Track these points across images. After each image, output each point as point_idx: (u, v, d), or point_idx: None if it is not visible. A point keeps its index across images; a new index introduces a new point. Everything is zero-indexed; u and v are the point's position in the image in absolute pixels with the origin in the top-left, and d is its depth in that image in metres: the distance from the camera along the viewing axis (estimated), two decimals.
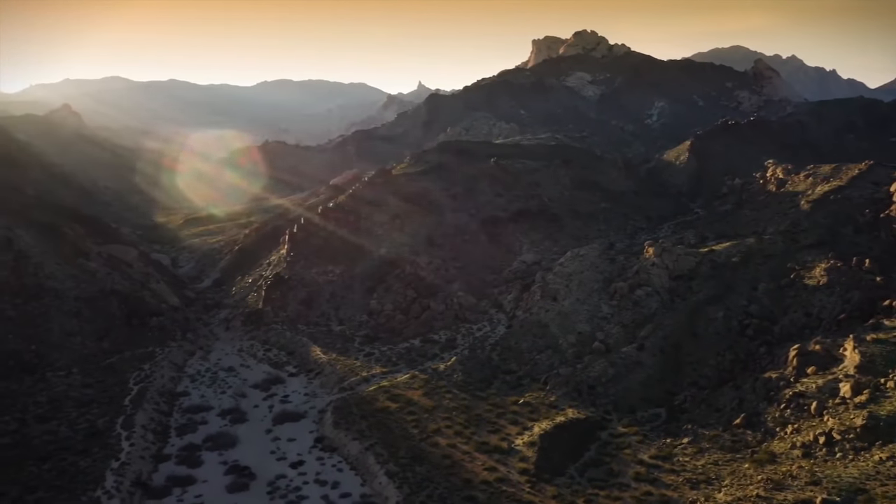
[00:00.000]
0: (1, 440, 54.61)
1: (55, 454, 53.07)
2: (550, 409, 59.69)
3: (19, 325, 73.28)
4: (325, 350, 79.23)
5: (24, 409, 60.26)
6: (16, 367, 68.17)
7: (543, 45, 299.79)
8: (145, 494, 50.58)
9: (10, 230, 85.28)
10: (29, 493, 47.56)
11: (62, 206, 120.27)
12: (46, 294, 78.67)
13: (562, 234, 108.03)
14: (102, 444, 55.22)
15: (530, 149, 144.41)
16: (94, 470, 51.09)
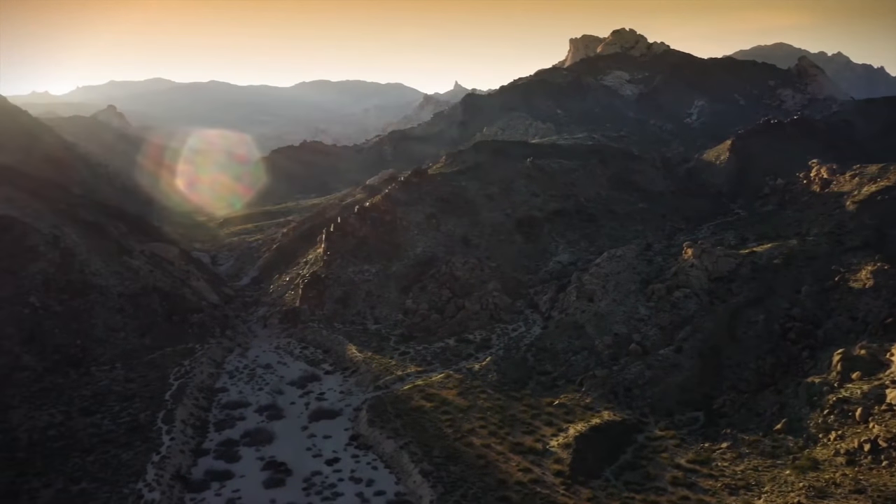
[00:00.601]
0: (48, 432, 56.24)
1: (99, 446, 54.47)
2: (586, 410, 59.22)
3: (65, 321, 75.35)
4: (361, 348, 79.82)
5: (70, 402, 61.97)
6: (62, 361, 70.13)
7: (581, 44, 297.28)
8: (184, 488, 51.54)
9: (57, 228, 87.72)
10: (74, 483, 48.89)
11: (107, 205, 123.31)
12: (92, 290, 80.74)
13: (598, 235, 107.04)
14: (144, 437, 56.49)
15: (567, 148, 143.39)
16: (136, 463, 52.29)
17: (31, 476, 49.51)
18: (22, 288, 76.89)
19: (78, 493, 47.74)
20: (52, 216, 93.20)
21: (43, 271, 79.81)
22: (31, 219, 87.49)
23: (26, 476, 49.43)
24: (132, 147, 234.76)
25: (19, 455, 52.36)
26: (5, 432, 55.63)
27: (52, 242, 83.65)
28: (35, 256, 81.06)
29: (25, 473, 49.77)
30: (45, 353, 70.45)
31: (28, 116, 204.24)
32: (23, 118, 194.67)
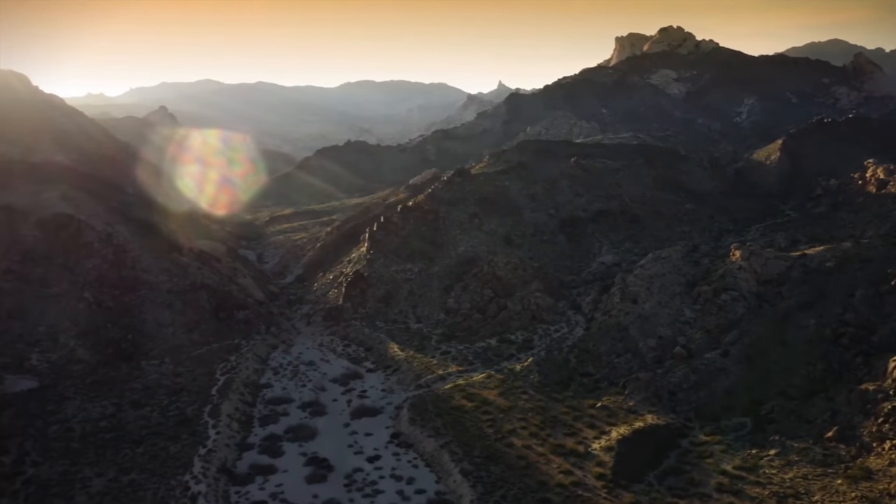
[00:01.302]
0: (100, 424, 57.98)
1: (148, 438, 55.91)
2: (629, 413, 58.43)
3: (117, 316, 77.62)
4: (403, 347, 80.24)
5: (121, 395, 63.77)
6: (114, 354, 72.26)
7: (627, 43, 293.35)
8: (230, 481, 52.53)
9: (110, 226, 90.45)
10: (124, 474, 50.29)
11: (158, 203, 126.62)
12: (142, 286, 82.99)
13: (643, 236, 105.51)
14: (191, 430, 57.77)
15: (612, 148, 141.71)
16: (183, 455, 53.51)
17: (85, 465, 51.12)
18: (77, 283, 79.51)
19: (128, 484, 49.08)
20: (106, 214, 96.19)
21: (97, 267, 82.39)
22: (86, 216, 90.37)
23: (79, 465, 51.07)
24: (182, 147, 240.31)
25: (73, 445, 54.12)
26: (61, 422, 57.59)
27: (106, 239, 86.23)
28: (90, 253, 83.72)
29: (79, 463, 51.42)
30: (98, 346, 72.72)
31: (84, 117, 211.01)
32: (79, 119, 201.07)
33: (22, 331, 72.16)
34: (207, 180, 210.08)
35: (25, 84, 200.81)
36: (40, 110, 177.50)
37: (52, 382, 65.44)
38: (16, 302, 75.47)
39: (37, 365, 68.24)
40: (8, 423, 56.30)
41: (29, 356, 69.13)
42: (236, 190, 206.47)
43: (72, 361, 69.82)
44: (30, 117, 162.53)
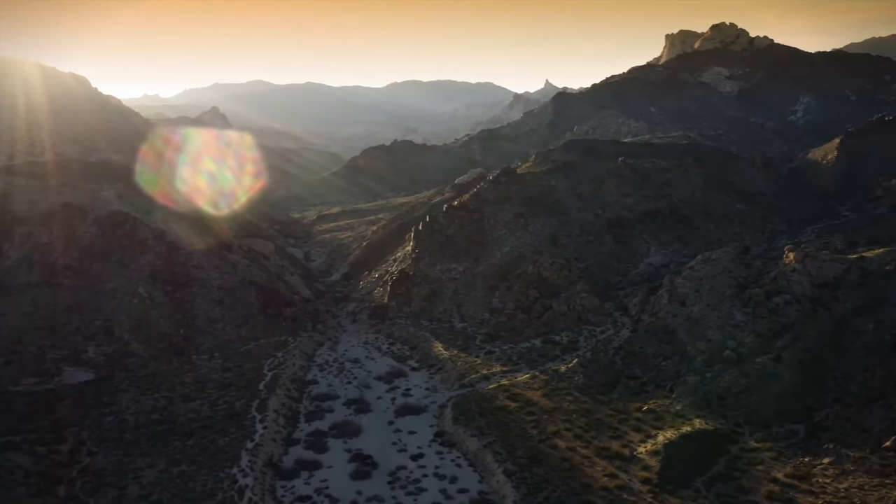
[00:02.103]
0: (152, 416, 59.58)
1: (197, 431, 57.20)
2: (676, 417, 57.34)
3: (170, 311, 79.69)
4: (447, 346, 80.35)
5: (172, 389, 65.41)
6: (166, 349, 74.22)
7: (677, 40, 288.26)
8: (276, 475, 53.36)
9: (163, 223, 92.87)
10: (174, 465, 51.55)
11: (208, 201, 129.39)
12: (194, 283, 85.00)
13: (692, 237, 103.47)
14: (239, 424, 58.90)
15: (661, 147, 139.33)
16: (231, 449, 54.58)
17: (137, 456, 52.59)
18: (132, 279, 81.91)
19: (178, 475, 50.30)
20: (160, 211, 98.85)
21: (150, 264, 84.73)
22: (141, 214, 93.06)
23: (132, 456, 52.55)
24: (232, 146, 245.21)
25: (127, 436, 55.74)
26: (115, 414, 59.41)
27: (159, 237, 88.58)
28: (144, 249, 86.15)
29: (132, 454, 52.92)
30: (151, 340, 74.79)
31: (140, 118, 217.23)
32: (135, 119, 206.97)
33: (80, 324, 74.68)
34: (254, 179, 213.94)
35: (85, 86, 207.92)
36: (99, 111, 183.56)
37: (107, 375, 67.60)
38: (74, 297, 78.17)
39: (93, 357, 70.55)
40: (66, 413, 58.35)
41: (86, 349, 71.51)
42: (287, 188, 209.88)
43: (126, 355, 71.96)
44: (89, 118, 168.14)
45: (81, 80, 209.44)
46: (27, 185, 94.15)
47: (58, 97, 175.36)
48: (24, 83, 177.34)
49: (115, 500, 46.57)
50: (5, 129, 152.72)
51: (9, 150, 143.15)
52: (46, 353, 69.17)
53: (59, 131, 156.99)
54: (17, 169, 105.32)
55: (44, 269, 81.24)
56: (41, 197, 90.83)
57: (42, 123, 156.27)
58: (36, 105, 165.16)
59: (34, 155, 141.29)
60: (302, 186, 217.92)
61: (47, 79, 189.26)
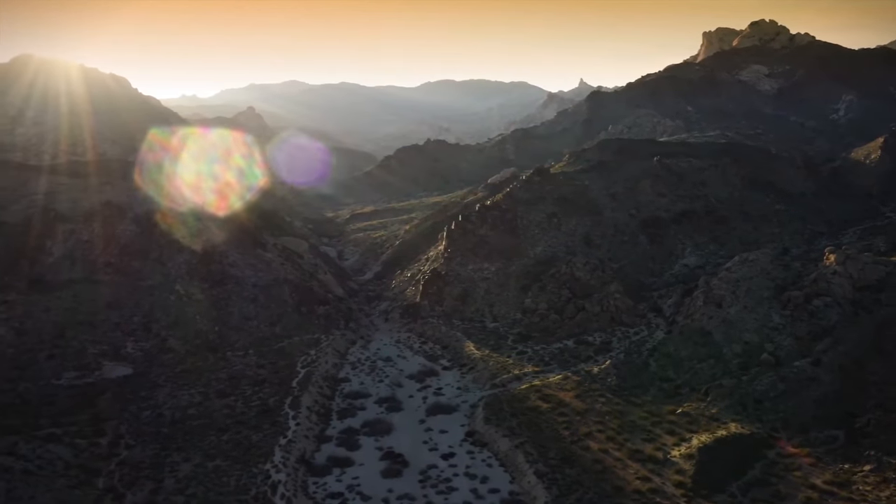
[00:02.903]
0: (188, 411, 60.62)
1: (232, 427, 58.03)
2: (711, 421, 56.47)
3: (205, 308, 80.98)
4: (479, 346, 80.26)
5: (208, 384, 66.48)
6: (202, 345, 75.46)
7: (715, 38, 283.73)
8: (308, 471, 53.89)
9: (200, 221, 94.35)
10: (209, 460, 52.37)
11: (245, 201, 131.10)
12: (229, 281, 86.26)
13: (729, 237, 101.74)
14: (272, 421, 59.59)
15: (697, 147, 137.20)
16: (265, 444, 55.24)
17: (173, 450, 53.55)
18: (169, 276, 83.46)
19: (213, 470, 51.07)
20: (196, 210, 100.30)
21: (187, 262, 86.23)
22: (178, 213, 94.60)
23: (169, 450, 53.53)
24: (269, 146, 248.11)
25: (163, 430, 56.79)
26: (152, 408, 60.58)
27: (196, 235, 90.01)
28: (181, 248, 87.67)
29: (168, 447, 53.91)
30: (187, 337, 76.11)
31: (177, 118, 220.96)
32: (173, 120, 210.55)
33: (119, 320, 76.34)
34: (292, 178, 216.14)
35: (125, 87, 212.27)
36: (138, 111, 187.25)
37: (145, 370, 68.99)
38: (114, 293, 79.94)
39: (132, 353, 72.07)
40: (105, 406, 59.64)
41: (125, 344, 73.08)
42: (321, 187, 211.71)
43: (163, 350, 73.35)
44: (128, 118, 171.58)
45: (122, 81, 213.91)
46: (70, 183, 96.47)
47: (99, 98, 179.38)
48: (67, 84, 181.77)
49: (151, 492, 47.47)
50: (49, 129, 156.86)
51: (52, 150, 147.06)
52: (87, 348, 70.85)
53: (100, 131, 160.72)
54: (61, 168, 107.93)
55: (85, 265, 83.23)
56: (83, 195, 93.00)
57: (83, 124, 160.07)
58: (78, 106, 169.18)
59: (76, 154, 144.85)
60: (335, 185, 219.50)
61: (89, 80, 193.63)
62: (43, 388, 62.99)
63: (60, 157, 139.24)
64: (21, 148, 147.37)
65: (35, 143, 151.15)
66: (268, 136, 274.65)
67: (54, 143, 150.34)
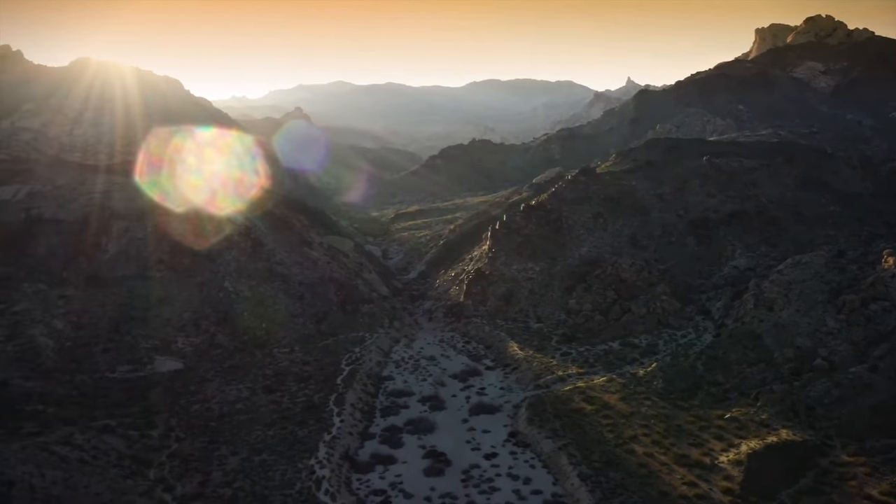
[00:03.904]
0: (235, 405, 61.80)
1: (278, 422, 58.92)
2: (761, 427, 55.07)
3: (253, 305, 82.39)
4: (522, 346, 79.88)
5: (255, 380, 67.67)
6: (249, 341, 76.84)
7: (768, 34, 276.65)
8: (352, 468, 54.36)
9: (249, 220, 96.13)
10: (256, 454, 53.30)
11: (292, 200, 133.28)
12: (276, 278, 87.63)
13: (781, 239, 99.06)
14: (317, 417, 60.31)
15: (748, 146, 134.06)
16: (310, 440, 55.95)
17: (221, 444, 54.63)
18: (218, 273, 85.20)
19: (259, 464, 51.97)
20: (246, 208, 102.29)
21: (236, 259, 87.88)
22: (227, 211, 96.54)
23: (217, 443, 54.64)
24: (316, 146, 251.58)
25: (212, 424, 58.00)
26: (201, 402, 61.94)
27: (245, 233, 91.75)
28: (230, 245, 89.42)
29: (216, 441, 55.04)
30: (235, 333, 77.60)
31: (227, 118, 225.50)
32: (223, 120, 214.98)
33: (170, 316, 78.24)
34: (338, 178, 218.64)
35: (178, 88, 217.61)
36: (189, 112, 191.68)
37: (194, 365, 70.59)
38: (165, 289, 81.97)
39: (182, 348, 73.81)
40: (157, 400, 61.24)
41: (175, 340, 74.88)
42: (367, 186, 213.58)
43: (212, 346, 74.95)
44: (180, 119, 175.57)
45: (174, 83, 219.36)
46: (125, 182, 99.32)
47: (152, 99, 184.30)
48: (123, 86, 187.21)
49: (200, 484, 48.51)
50: (106, 130, 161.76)
51: (108, 150, 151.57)
52: (140, 343, 72.84)
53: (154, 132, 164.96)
54: (116, 168, 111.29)
55: (139, 262, 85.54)
56: (137, 194, 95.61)
57: (138, 124, 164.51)
58: (133, 107, 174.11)
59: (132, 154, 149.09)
60: (381, 185, 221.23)
61: (143, 82, 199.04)
62: (98, 380, 64.98)
63: (116, 156, 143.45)
64: (79, 148, 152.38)
65: (92, 143, 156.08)
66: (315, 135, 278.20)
67: (110, 144, 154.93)
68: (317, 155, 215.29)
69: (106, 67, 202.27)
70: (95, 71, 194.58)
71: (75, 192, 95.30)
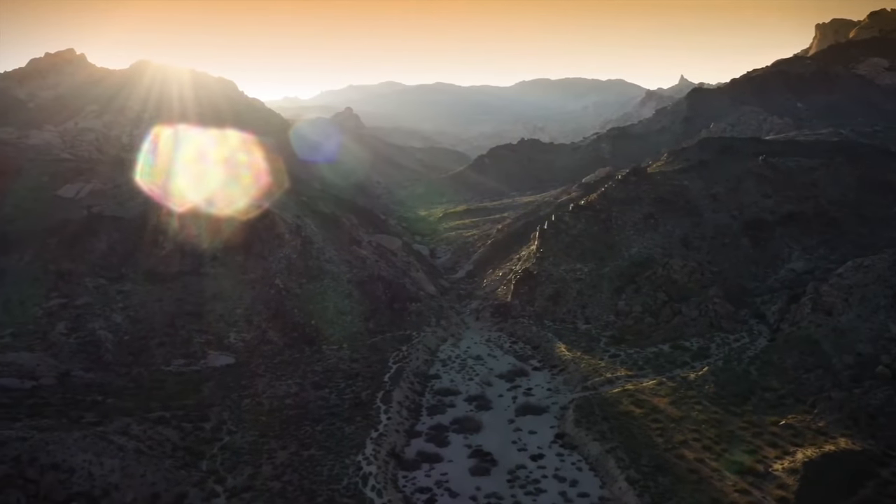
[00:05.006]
0: (285, 401, 62.85)
1: (326, 418, 59.70)
2: (818, 435, 53.33)
3: (303, 302, 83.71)
4: (570, 347, 79.14)
5: (304, 376, 68.71)
6: (299, 338, 78.07)
7: (829, 30, 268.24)
8: (398, 465, 54.69)
9: (299, 218, 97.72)
10: (304, 449, 54.09)
11: (341, 199, 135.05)
12: (325, 276, 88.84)
13: (841, 241, 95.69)
14: (364, 414, 60.88)
15: (807, 145, 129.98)
16: (357, 437, 56.51)
17: (271, 438, 55.64)
18: (269, 271, 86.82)
19: (308, 458, 52.72)
20: (296, 207, 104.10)
21: (286, 257, 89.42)
22: (279, 209, 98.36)
23: (267, 437, 55.67)
24: (366, 145, 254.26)
25: (262, 418, 59.13)
26: (252, 397, 63.20)
27: (295, 231, 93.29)
28: (281, 243, 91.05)
29: (266, 435, 56.07)
30: (285, 329, 78.95)
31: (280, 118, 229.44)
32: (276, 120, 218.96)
33: (223, 312, 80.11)
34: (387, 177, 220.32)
35: (232, 89, 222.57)
36: (243, 113, 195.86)
37: (245, 360, 72.12)
38: (218, 286, 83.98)
39: (234, 343, 75.48)
40: (210, 393, 62.79)
41: (228, 335, 76.63)
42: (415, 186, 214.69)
43: (263, 342, 76.42)
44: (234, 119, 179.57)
45: (229, 84, 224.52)
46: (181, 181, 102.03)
47: (207, 100, 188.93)
48: (180, 88, 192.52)
49: (250, 477, 49.51)
50: None
51: None
52: (193, 337, 74.76)
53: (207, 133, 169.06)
54: None
55: (193, 259, 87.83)
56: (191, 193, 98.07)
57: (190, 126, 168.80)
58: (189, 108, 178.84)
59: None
60: (429, 184, 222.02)
61: (199, 84, 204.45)
62: (154, 373, 66.98)
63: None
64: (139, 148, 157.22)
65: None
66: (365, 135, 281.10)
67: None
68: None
69: (164, 69, 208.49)
70: (154, 73, 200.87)
71: (134, 190, 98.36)
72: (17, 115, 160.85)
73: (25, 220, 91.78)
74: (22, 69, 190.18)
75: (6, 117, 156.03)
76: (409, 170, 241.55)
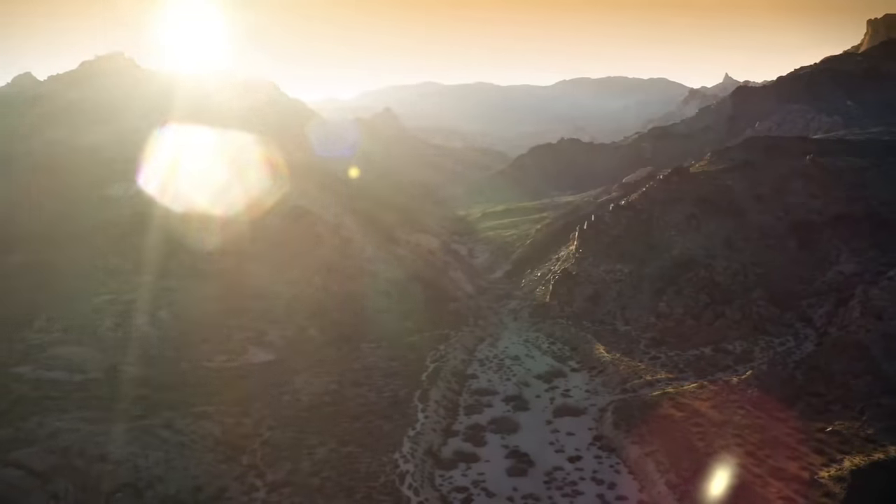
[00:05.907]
0: (323, 398, 63.49)
1: (364, 416, 60.10)
2: (866, 442, 51.77)
3: (342, 300, 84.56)
4: (609, 349, 78.35)
5: (342, 374, 69.31)
6: (337, 336, 78.85)
7: (882, 26, 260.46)
8: (435, 464, 54.78)
9: (339, 217, 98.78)
10: (342, 445, 54.55)
11: (380, 199, 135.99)
12: (364, 275, 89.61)
13: (892, 244, 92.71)
14: (402, 412, 61.15)
15: (857, 144, 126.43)
16: (395, 434, 56.79)
17: (310, 434, 56.24)
18: (309, 269, 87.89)
19: (346, 455, 53.17)
20: (336, 207, 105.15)
21: (326, 256, 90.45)
22: (318, 209, 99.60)
23: (306, 433, 56.30)
24: (404, 145, 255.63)
25: (302, 414, 59.85)
26: (291, 393, 64.00)
27: (335, 230, 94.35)
28: (320, 242, 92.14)
29: (305, 431, 56.72)
30: (324, 327, 79.81)
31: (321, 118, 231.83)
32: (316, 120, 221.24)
33: (264, 309, 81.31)
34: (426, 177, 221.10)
35: (273, 90, 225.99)
36: (284, 113, 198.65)
37: (285, 356, 73.06)
38: (259, 283, 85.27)
39: (274, 340, 76.53)
40: (251, 389, 63.76)
41: (268, 332, 77.73)
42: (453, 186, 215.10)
43: (303, 339, 77.36)
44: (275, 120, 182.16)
45: (270, 85, 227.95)
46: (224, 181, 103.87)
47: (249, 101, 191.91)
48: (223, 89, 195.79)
49: (289, 472, 50.15)
50: None
51: None
52: (234, 334, 76.03)
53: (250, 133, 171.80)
54: None
55: (235, 257, 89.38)
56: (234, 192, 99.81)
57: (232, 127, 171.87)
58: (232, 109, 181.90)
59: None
60: (468, 184, 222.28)
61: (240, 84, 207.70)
62: (197, 369, 68.28)
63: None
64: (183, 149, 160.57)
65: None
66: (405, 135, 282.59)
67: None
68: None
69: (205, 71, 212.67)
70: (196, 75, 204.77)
71: (179, 190, 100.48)
72: (69, 117, 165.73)
73: (75, 219, 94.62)
74: (73, 71, 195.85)
75: (58, 118, 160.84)
76: (448, 170, 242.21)
